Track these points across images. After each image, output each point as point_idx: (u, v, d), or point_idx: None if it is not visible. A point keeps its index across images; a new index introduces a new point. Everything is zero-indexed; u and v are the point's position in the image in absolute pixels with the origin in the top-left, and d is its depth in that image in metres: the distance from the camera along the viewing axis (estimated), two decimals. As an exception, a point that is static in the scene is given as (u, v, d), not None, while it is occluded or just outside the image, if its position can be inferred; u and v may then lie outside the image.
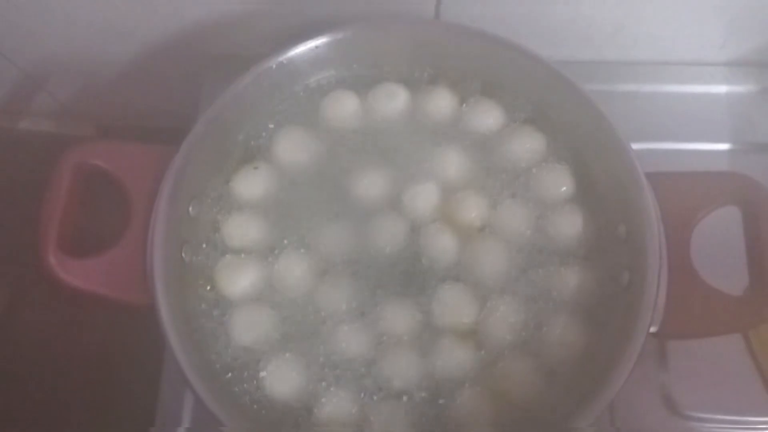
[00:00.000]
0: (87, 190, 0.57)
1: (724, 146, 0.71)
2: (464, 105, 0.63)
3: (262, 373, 0.54)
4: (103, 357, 0.74)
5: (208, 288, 0.57)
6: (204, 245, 0.58)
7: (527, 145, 0.61)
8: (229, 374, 0.55)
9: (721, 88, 0.73)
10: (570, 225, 0.58)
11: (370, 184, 0.59)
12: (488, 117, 0.62)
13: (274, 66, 0.59)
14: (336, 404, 0.53)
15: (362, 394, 0.54)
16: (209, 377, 0.52)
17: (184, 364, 0.50)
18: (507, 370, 0.55)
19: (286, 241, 0.58)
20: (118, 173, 0.56)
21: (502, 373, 0.55)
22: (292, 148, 0.60)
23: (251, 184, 0.59)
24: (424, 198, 0.59)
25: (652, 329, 0.52)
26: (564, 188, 0.60)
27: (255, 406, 0.54)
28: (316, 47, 0.60)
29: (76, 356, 0.74)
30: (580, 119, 0.59)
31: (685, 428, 0.62)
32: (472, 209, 0.58)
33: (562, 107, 0.60)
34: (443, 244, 0.57)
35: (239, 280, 0.56)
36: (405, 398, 0.54)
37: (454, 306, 0.56)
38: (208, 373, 0.53)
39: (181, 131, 0.57)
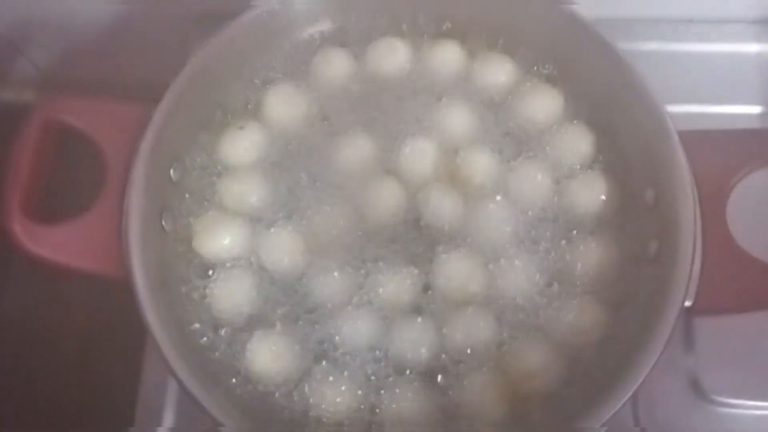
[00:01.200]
0: (57, 151, 0.53)
1: (755, 109, 0.68)
2: (474, 60, 0.58)
3: (249, 352, 0.50)
4: (83, 340, 0.70)
5: (192, 259, 0.53)
6: (187, 212, 0.54)
7: (544, 104, 0.56)
8: (216, 353, 0.51)
9: (752, 47, 0.69)
10: (591, 190, 0.54)
11: (366, 147, 0.55)
12: (500, 73, 0.57)
13: (264, 14, 0.55)
14: (333, 385, 0.50)
15: (362, 375, 0.50)
16: (192, 357, 0.48)
17: (163, 344, 0.46)
18: (519, 353, 0.51)
19: (276, 207, 0.54)
20: (91, 132, 0.52)
21: (515, 355, 0.51)
22: (284, 107, 0.56)
23: (238, 145, 0.55)
24: (422, 158, 0.54)
25: (687, 303, 0.48)
26: (584, 150, 0.55)
27: (239, 390, 0.50)
28: (312, -7, 0.56)
29: (53, 339, 0.70)
30: (602, 73, 0.54)
31: (713, 414, 0.59)
32: (479, 168, 0.54)
33: (581, 61, 0.55)
34: (446, 208, 0.53)
35: (219, 238, 0.52)
36: (408, 378, 0.50)
37: (459, 276, 0.51)
38: (191, 353, 0.48)
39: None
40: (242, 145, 0.55)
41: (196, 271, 0.53)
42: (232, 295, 0.51)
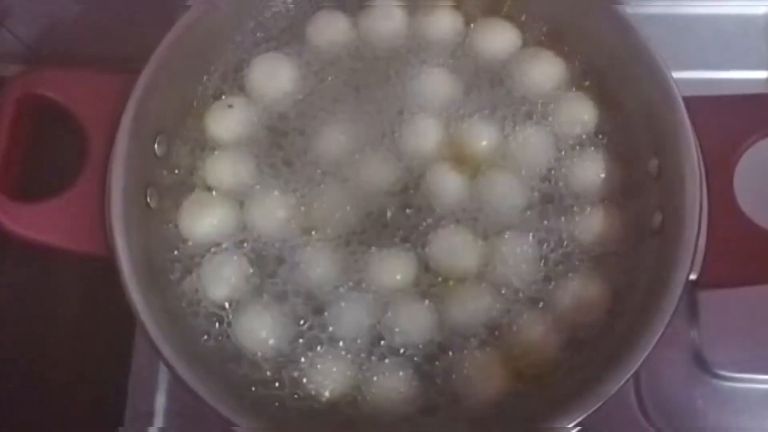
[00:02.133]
0: (36, 126, 0.52)
1: (762, 74, 0.66)
2: (471, 25, 0.56)
3: (238, 332, 0.49)
4: (74, 323, 0.69)
5: (179, 237, 0.51)
6: (173, 188, 0.52)
7: (545, 71, 0.54)
8: (204, 337, 0.50)
9: (759, 10, 0.67)
10: (593, 161, 0.52)
11: (361, 121, 0.54)
12: (498, 39, 0.55)
13: (251, -22, 0.52)
14: (324, 365, 0.49)
15: (354, 355, 0.49)
16: (179, 338, 0.46)
17: (149, 325, 0.45)
18: (520, 330, 0.49)
19: (265, 184, 0.53)
20: (71, 105, 0.50)
21: (515, 332, 0.49)
22: (273, 77, 0.54)
23: (225, 119, 0.53)
24: (421, 132, 0.53)
25: (692, 276, 0.46)
26: (586, 119, 0.53)
27: (228, 371, 0.49)
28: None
29: (42, 323, 0.68)
30: (605, 38, 0.52)
31: (717, 389, 0.58)
32: (479, 140, 0.53)
33: (583, 25, 0.53)
34: (445, 182, 0.51)
35: (206, 218, 0.51)
36: (402, 358, 0.49)
37: (456, 252, 0.50)
38: (179, 334, 0.47)
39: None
40: (229, 120, 0.53)
41: (184, 250, 0.51)
42: (220, 274, 0.50)
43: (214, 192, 0.52)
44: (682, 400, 0.58)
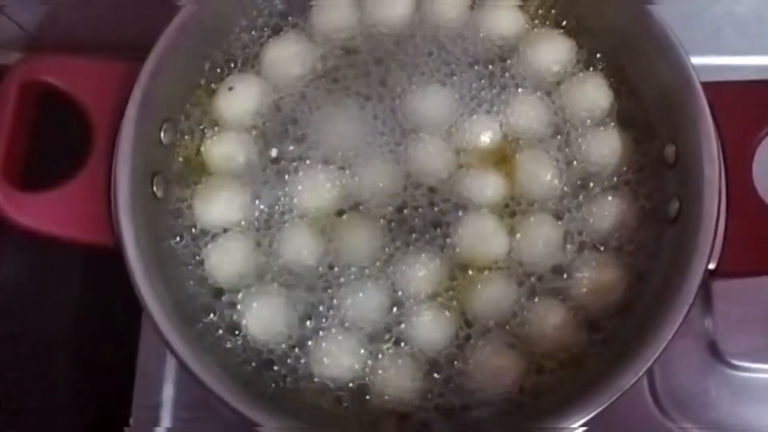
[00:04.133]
0: (40, 114, 0.50)
1: None
2: (481, 8, 0.54)
3: (248, 318, 0.48)
4: (78, 313, 0.68)
5: (186, 225, 0.50)
6: (179, 176, 0.51)
7: (555, 53, 0.53)
8: (220, 331, 0.49)
9: None
10: (606, 147, 0.51)
11: (370, 112, 0.53)
12: (504, 19, 0.54)
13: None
14: (336, 354, 0.48)
15: (367, 348, 0.49)
16: (188, 328, 0.46)
17: (157, 315, 0.44)
18: (535, 317, 0.49)
19: (275, 168, 0.52)
20: (76, 92, 0.49)
21: (530, 320, 0.49)
22: (282, 60, 0.53)
23: (233, 104, 0.52)
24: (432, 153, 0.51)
25: (711, 266, 0.45)
26: (599, 103, 0.52)
27: (236, 359, 0.48)
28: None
29: (46, 313, 0.68)
30: (620, 21, 0.51)
31: (730, 378, 0.58)
32: (482, 132, 0.52)
33: (597, 7, 0.52)
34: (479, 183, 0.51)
35: (215, 202, 0.50)
36: (417, 349, 0.48)
37: (485, 237, 0.49)
38: (187, 323, 0.46)
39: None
40: (237, 104, 0.52)
41: (191, 239, 0.50)
42: (229, 261, 0.49)
43: (220, 176, 0.51)
44: (695, 391, 0.58)
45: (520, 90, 0.53)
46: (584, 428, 0.42)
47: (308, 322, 0.49)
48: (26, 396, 0.64)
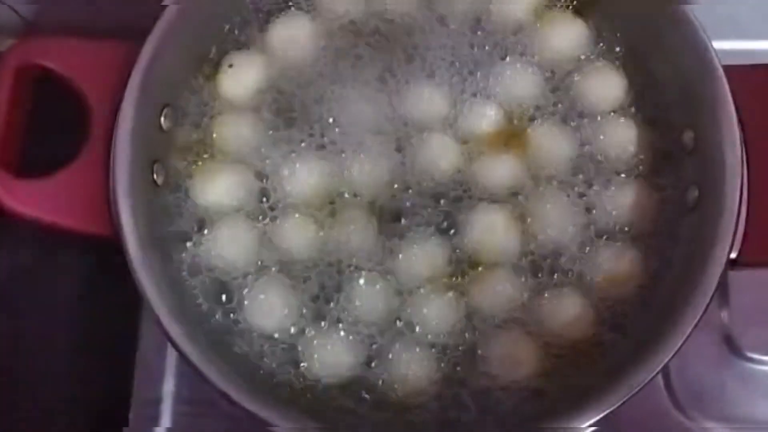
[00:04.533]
0: (35, 98, 0.49)
1: None
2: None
3: (249, 309, 0.47)
4: (78, 305, 0.66)
5: (188, 213, 0.49)
6: (180, 163, 0.50)
7: (567, 35, 0.52)
8: (216, 313, 0.48)
9: None
10: (622, 131, 0.50)
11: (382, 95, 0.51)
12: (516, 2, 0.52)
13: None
14: (339, 347, 0.47)
15: (373, 339, 0.47)
16: (190, 320, 0.44)
17: (158, 307, 0.42)
18: (551, 306, 0.47)
19: (279, 152, 0.50)
20: (73, 76, 0.48)
21: (545, 309, 0.47)
22: (289, 39, 0.52)
23: (234, 82, 0.51)
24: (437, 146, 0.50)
25: (732, 255, 0.44)
26: (615, 86, 0.51)
27: (239, 350, 0.47)
28: None
29: (44, 305, 0.66)
30: (636, 2, 0.50)
31: (747, 371, 0.57)
32: (486, 116, 0.50)
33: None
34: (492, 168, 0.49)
35: (217, 186, 0.48)
36: (426, 342, 0.47)
37: (495, 232, 0.48)
38: (189, 315, 0.45)
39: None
40: (237, 81, 0.51)
41: (193, 227, 0.49)
42: (232, 249, 0.48)
43: (224, 160, 0.50)
44: (711, 383, 0.56)
45: (530, 71, 0.51)
46: (593, 427, 0.41)
47: (315, 314, 0.47)
48: (23, 395, 0.63)
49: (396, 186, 0.49)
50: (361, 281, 0.47)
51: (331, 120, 0.50)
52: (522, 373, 0.46)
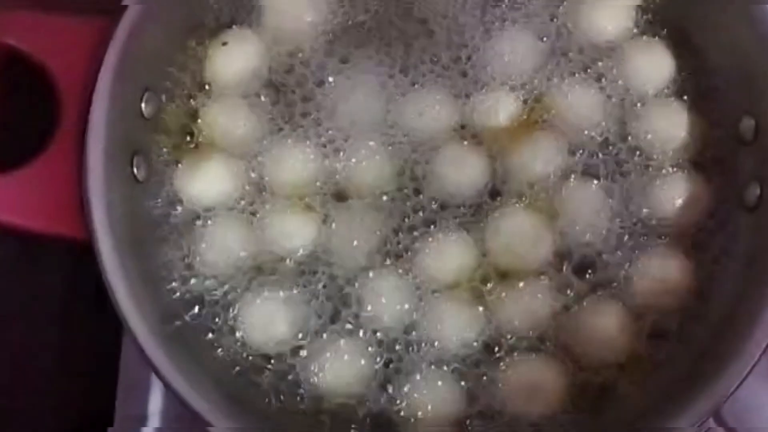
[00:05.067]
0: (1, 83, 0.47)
1: None
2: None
3: (243, 320, 0.44)
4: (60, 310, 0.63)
5: (171, 211, 0.45)
6: (164, 155, 0.46)
7: (609, 14, 0.48)
8: (209, 334, 0.44)
9: None
10: (671, 120, 0.46)
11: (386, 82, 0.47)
12: None
13: None
14: (349, 364, 0.43)
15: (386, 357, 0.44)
16: (172, 338, 0.40)
17: (135, 325, 0.38)
18: (584, 321, 0.43)
19: (273, 141, 0.47)
20: (41, 56, 0.44)
21: (578, 326, 0.43)
22: (284, 14, 0.48)
23: (227, 62, 0.47)
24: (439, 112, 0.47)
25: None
26: (663, 69, 0.47)
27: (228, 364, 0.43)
28: None
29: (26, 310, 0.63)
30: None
31: None
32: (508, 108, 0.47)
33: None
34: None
35: (205, 179, 0.45)
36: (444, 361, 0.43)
37: (520, 233, 0.44)
38: (171, 331, 0.41)
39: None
40: (231, 62, 0.47)
41: (177, 227, 0.45)
42: (220, 249, 0.44)
43: (212, 150, 0.46)
44: (757, 403, 0.50)
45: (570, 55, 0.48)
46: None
47: (311, 323, 0.44)
48: (9, 397, 0.60)
49: (400, 182, 0.46)
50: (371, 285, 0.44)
51: (331, 107, 0.47)
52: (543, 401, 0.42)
